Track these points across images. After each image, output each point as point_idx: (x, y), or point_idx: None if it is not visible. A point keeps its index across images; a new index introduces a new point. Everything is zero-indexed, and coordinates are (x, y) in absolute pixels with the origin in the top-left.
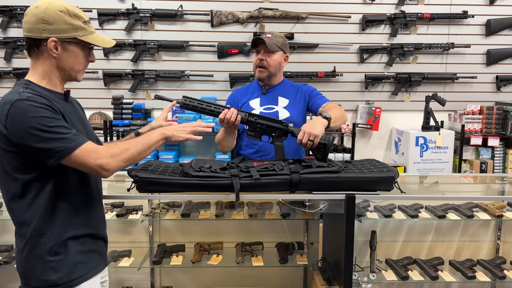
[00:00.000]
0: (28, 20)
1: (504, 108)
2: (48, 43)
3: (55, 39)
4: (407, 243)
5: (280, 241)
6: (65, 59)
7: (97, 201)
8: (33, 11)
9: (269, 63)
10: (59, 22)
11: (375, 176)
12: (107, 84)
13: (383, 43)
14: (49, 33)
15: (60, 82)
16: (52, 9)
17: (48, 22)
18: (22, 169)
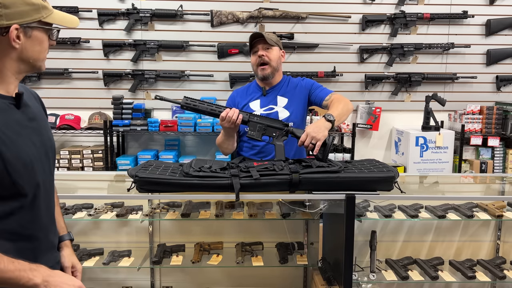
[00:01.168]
0: None
1: (504, 108)
2: (11, 32)
3: (17, 26)
4: (407, 243)
5: (280, 241)
6: (29, 48)
7: None
8: None
9: (270, 57)
10: (17, 3)
11: (375, 176)
12: (107, 84)
13: (383, 43)
14: (8, 19)
15: (15, 79)
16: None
17: (5, 5)
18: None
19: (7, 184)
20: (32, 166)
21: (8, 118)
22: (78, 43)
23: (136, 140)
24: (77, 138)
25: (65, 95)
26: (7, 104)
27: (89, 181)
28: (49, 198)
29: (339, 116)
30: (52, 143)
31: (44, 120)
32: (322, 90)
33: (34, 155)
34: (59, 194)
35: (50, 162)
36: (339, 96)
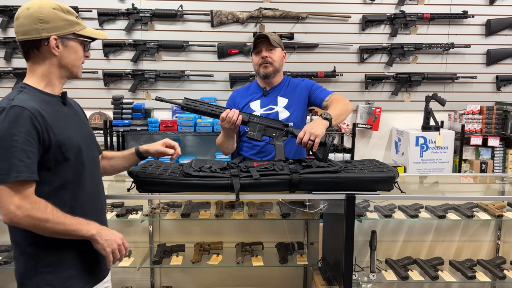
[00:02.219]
0: (22, 23)
1: (504, 108)
2: (50, 42)
3: (56, 36)
4: (407, 243)
5: (280, 241)
6: (67, 56)
7: None
8: (26, 13)
9: (273, 58)
10: (55, 19)
11: (375, 176)
12: (107, 84)
13: (383, 43)
14: (48, 31)
15: (59, 82)
16: (46, 8)
17: (45, 21)
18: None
19: (61, 161)
20: (79, 149)
21: (58, 110)
22: None
23: (136, 140)
24: None
25: None
26: (56, 100)
27: None
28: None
29: (337, 116)
30: (94, 136)
31: (85, 118)
32: (322, 91)
33: (80, 141)
34: None
35: (93, 150)
36: (339, 97)
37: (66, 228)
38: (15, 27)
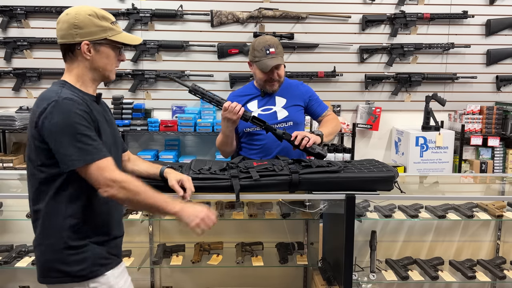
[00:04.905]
0: (61, 28)
1: (504, 108)
2: (82, 47)
3: (88, 42)
4: (407, 243)
5: (280, 241)
6: (98, 60)
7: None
8: (64, 18)
9: (280, 75)
10: (89, 25)
11: (375, 175)
12: (107, 84)
13: (383, 43)
14: (81, 37)
15: (92, 84)
16: (82, 14)
17: (79, 26)
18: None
19: None
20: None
21: (95, 108)
22: None
23: (136, 140)
24: None
25: None
26: (91, 99)
27: None
28: None
29: (328, 134)
30: (120, 136)
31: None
32: (320, 104)
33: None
34: None
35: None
36: (334, 116)
37: (156, 202)
38: (56, 31)
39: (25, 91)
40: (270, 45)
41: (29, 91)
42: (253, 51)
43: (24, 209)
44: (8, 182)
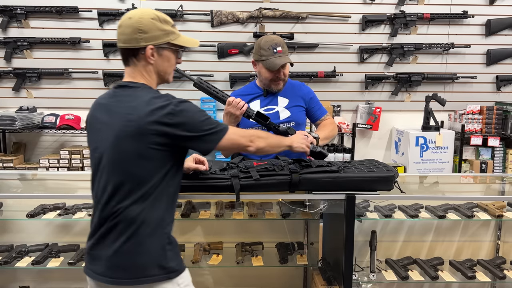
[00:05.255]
0: (124, 32)
1: (504, 108)
2: (146, 51)
3: (152, 46)
4: (407, 243)
5: (280, 241)
6: (161, 64)
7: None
8: (128, 22)
9: (285, 74)
10: (153, 29)
11: (374, 175)
12: (107, 84)
13: (383, 43)
14: (146, 41)
15: (155, 87)
16: (145, 18)
17: (144, 31)
18: (159, 166)
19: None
20: None
21: None
22: (78, 43)
23: None
24: (77, 138)
25: (65, 95)
26: None
27: (89, 181)
28: None
29: (324, 138)
30: None
31: None
32: (319, 108)
33: None
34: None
35: None
36: (331, 120)
37: (278, 140)
38: (117, 34)
39: (25, 91)
40: (277, 43)
41: (29, 91)
42: (259, 50)
43: (24, 209)
44: (8, 182)
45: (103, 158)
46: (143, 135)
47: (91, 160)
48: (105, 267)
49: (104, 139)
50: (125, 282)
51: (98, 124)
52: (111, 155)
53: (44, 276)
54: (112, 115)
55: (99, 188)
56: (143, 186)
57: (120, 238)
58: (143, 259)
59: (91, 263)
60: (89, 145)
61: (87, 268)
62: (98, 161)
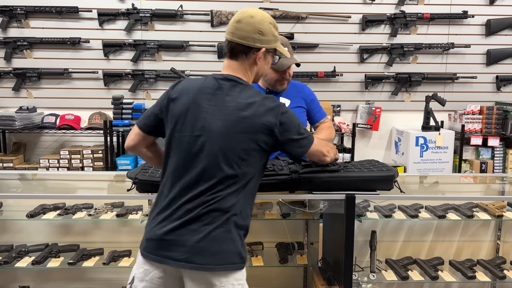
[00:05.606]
0: (244, 28)
1: (504, 108)
2: (260, 53)
3: (265, 49)
4: (407, 243)
5: (280, 241)
6: (262, 67)
7: None
8: (249, 20)
9: (290, 74)
10: (269, 33)
11: (374, 175)
12: (107, 84)
13: (383, 43)
14: (261, 43)
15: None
16: (265, 21)
17: (263, 33)
18: (258, 162)
19: None
20: None
21: None
22: (78, 43)
23: None
24: (77, 138)
25: (65, 95)
26: None
27: (89, 181)
28: None
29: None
30: None
31: None
32: (319, 111)
33: None
34: (59, 194)
35: None
36: (330, 124)
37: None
38: (233, 28)
39: (25, 91)
40: (284, 44)
41: (29, 91)
42: None
43: (24, 209)
44: (8, 182)
45: (206, 146)
46: (254, 133)
47: (183, 144)
48: (189, 252)
49: (212, 129)
50: (209, 268)
51: (204, 113)
52: (219, 146)
53: (44, 276)
54: (222, 108)
55: (193, 174)
56: (243, 179)
57: (211, 225)
58: (230, 246)
59: (165, 249)
60: (183, 128)
61: (156, 255)
62: (199, 148)
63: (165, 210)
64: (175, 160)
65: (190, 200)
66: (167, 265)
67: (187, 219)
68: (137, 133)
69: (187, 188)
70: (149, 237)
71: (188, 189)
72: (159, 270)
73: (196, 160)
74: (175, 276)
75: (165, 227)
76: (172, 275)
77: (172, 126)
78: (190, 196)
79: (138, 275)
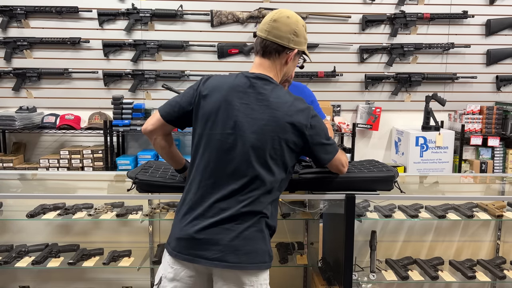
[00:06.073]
0: (280, 28)
1: (504, 108)
2: (292, 53)
3: (297, 50)
4: (407, 243)
5: (280, 241)
6: (290, 67)
7: None
8: (286, 20)
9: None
10: (302, 36)
11: (375, 175)
12: (107, 84)
13: (383, 43)
14: (294, 44)
15: None
16: (300, 23)
17: (298, 34)
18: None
19: None
20: None
21: None
22: (78, 43)
23: (136, 140)
24: (77, 138)
25: (65, 95)
26: None
27: (89, 181)
28: None
29: None
30: None
31: None
32: (319, 112)
33: None
34: (59, 194)
35: None
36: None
37: None
38: (269, 26)
39: (25, 91)
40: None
41: (29, 91)
42: None
43: (24, 209)
44: (8, 182)
45: (238, 144)
46: (285, 132)
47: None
48: (223, 251)
49: (243, 128)
50: (242, 267)
51: (235, 111)
52: (250, 144)
53: (44, 276)
54: (254, 107)
55: (224, 172)
56: (273, 179)
57: (244, 224)
58: (262, 245)
59: (198, 248)
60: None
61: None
62: (230, 146)
63: (196, 208)
64: (206, 157)
65: (222, 198)
66: (198, 264)
67: (220, 218)
68: (158, 119)
69: (219, 186)
70: (180, 236)
71: (219, 187)
72: (190, 269)
73: (228, 159)
74: (205, 273)
75: (196, 225)
76: (202, 273)
77: (202, 123)
78: (222, 194)
79: (167, 275)
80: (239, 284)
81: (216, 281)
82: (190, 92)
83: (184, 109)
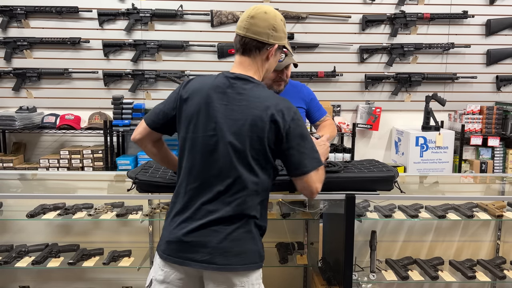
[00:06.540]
0: (258, 24)
1: (504, 108)
2: (272, 49)
3: (277, 45)
4: (407, 243)
5: (280, 241)
6: (272, 63)
7: None
8: (264, 16)
9: (288, 75)
10: (280, 30)
11: (375, 175)
12: (107, 84)
13: (383, 43)
14: (274, 39)
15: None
16: (278, 18)
17: (277, 29)
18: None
19: None
20: None
21: None
22: (78, 43)
23: None
24: (77, 138)
25: (65, 95)
26: None
27: (89, 181)
28: None
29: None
30: None
31: None
32: (319, 109)
33: None
34: (59, 194)
35: None
36: (331, 122)
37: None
38: (246, 24)
39: (25, 91)
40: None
41: (29, 91)
42: None
43: (24, 209)
44: (8, 182)
45: (220, 145)
46: (265, 132)
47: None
48: (212, 254)
49: (224, 129)
50: (232, 268)
51: (215, 113)
52: (232, 145)
53: (44, 276)
54: (234, 107)
55: (208, 174)
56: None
57: (231, 226)
58: (251, 246)
59: (187, 251)
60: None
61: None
62: (212, 148)
63: (184, 211)
64: (190, 160)
65: (209, 201)
66: (188, 267)
67: (208, 220)
68: (144, 127)
69: (205, 189)
70: (169, 239)
71: (205, 190)
72: (180, 272)
73: (211, 160)
74: (196, 276)
75: (185, 228)
76: (192, 275)
77: (185, 126)
78: (209, 197)
79: (158, 277)
80: (230, 286)
81: (207, 283)
82: (172, 97)
83: (168, 115)
